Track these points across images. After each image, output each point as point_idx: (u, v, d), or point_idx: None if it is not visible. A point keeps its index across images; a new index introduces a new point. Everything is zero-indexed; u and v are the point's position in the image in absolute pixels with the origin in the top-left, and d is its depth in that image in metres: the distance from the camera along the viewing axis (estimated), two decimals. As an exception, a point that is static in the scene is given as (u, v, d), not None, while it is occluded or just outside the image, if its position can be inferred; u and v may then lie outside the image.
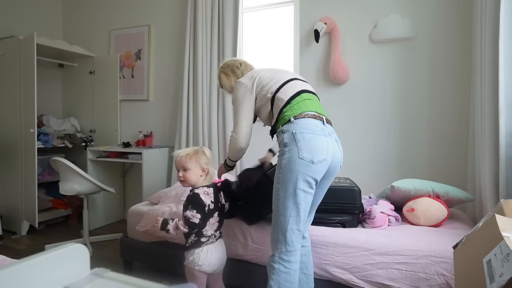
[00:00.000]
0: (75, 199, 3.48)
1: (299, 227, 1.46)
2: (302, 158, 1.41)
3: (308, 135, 1.44)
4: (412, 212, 1.93)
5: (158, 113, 3.55)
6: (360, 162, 2.73)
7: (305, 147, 1.42)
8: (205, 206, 1.61)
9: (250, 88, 1.65)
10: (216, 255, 1.66)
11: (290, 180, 1.43)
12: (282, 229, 1.45)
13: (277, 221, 1.48)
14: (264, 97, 1.62)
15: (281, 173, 1.46)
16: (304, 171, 1.41)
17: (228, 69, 1.85)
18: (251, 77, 1.68)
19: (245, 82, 1.67)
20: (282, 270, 1.44)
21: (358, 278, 1.66)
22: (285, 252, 1.45)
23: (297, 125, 1.47)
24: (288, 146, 1.45)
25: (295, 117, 1.49)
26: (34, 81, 2.98)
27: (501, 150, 1.71)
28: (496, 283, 0.74)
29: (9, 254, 1.42)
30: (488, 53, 1.85)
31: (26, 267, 0.58)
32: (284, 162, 1.45)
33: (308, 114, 1.50)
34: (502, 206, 1.16)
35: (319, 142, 1.44)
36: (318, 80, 2.84)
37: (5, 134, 3.22)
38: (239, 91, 1.67)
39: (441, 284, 1.51)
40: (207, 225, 1.64)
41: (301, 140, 1.43)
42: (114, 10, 3.74)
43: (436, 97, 2.51)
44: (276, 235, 1.48)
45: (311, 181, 1.43)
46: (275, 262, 1.46)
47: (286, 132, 1.47)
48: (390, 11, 2.59)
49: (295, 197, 1.43)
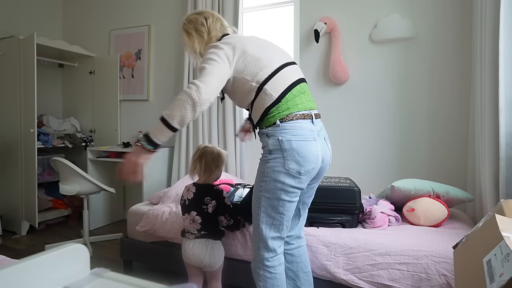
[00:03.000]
0: (75, 199, 3.48)
1: (281, 234, 1.41)
2: (288, 169, 1.30)
3: (296, 143, 1.30)
4: (412, 212, 1.93)
5: (158, 113, 3.50)
6: (360, 162, 2.73)
7: (292, 157, 1.29)
8: (181, 199, 1.78)
9: (230, 58, 1.33)
10: (191, 251, 1.68)
11: (272, 191, 1.33)
12: (263, 238, 1.39)
13: (257, 229, 1.41)
14: (247, 84, 1.35)
15: (263, 182, 1.35)
16: (289, 183, 1.31)
17: (190, 25, 1.52)
18: (232, 46, 1.35)
19: (224, 47, 1.34)
20: (268, 276, 1.41)
21: (359, 279, 1.66)
22: (268, 258, 1.41)
23: (283, 130, 1.31)
24: (273, 154, 1.32)
25: (282, 120, 1.32)
26: (34, 81, 2.98)
27: (501, 150, 1.71)
28: (496, 283, 0.74)
29: (9, 254, 1.42)
30: (488, 53, 1.85)
31: (26, 267, 0.58)
32: (267, 171, 1.33)
33: (297, 115, 1.33)
34: (502, 206, 1.16)
35: (307, 150, 1.31)
36: (318, 80, 2.84)
37: (5, 134, 3.22)
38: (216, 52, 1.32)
39: (442, 284, 1.51)
40: (184, 219, 1.75)
41: (288, 150, 1.30)
42: (114, 10, 3.74)
43: (436, 97, 2.51)
44: (257, 243, 1.42)
45: (296, 191, 1.35)
46: (259, 268, 1.42)
47: (271, 137, 1.32)
48: (390, 11, 2.59)
49: (278, 207, 1.35)
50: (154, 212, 2.18)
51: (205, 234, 1.69)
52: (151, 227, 2.16)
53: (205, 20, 1.51)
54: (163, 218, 2.13)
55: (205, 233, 1.69)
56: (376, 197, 2.22)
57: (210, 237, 1.70)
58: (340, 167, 2.72)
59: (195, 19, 1.53)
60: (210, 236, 1.70)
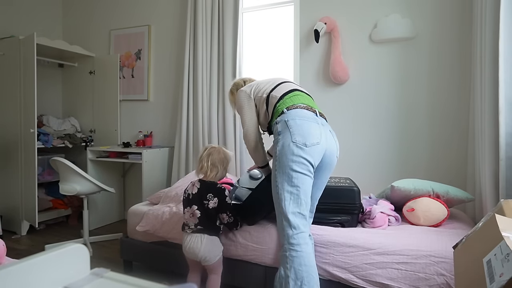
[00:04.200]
0: (75, 199, 3.48)
1: (301, 210, 1.47)
2: (295, 141, 1.47)
3: (300, 120, 1.51)
4: (412, 212, 1.93)
5: (158, 113, 3.55)
6: (360, 162, 2.73)
7: (297, 131, 1.48)
8: (184, 193, 1.84)
9: (248, 93, 1.80)
10: (188, 244, 1.74)
11: (285, 164, 1.48)
12: (285, 214, 1.48)
13: (278, 207, 1.51)
14: (261, 99, 1.75)
15: (277, 160, 1.52)
16: (298, 153, 1.46)
17: (234, 87, 2.04)
18: (250, 85, 1.85)
19: (244, 89, 1.83)
20: (294, 255, 1.44)
21: (357, 278, 1.66)
22: (292, 236, 1.46)
23: (289, 114, 1.55)
24: (282, 134, 1.52)
25: (288, 108, 1.58)
26: (34, 81, 2.98)
27: (501, 150, 1.71)
28: (496, 283, 0.74)
29: (9, 254, 1.42)
30: (488, 53, 1.85)
31: (26, 267, 0.58)
32: (278, 149, 1.52)
33: (300, 105, 1.59)
34: (502, 206, 1.16)
35: (311, 127, 1.50)
36: (318, 80, 2.84)
37: (5, 134, 3.22)
38: (240, 98, 1.81)
39: (441, 284, 1.51)
40: (184, 212, 1.81)
41: (293, 126, 1.49)
42: (114, 10, 3.74)
43: (436, 97, 2.51)
44: (281, 222, 1.51)
45: (306, 162, 1.47)
46: (285, 250, 1.47)
47: (280, 122, 1.56)
48: (390, 11, 2.59)
49: (293, 180, 1.47)
50: (154, 212, 2.18)
51: (201, 229, 1.75)
52: (151, 227, 2.16)
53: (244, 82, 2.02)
54: (163, 218, 2.13)
55: (201, 228, 1.75)
56: (376, 197, 2.22)
57: (206, 232, 1.75)
58: (340, 167, 2.71)
59: (238, 83, 2.06)
60: (205, 231, 1.76)
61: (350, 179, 2.12)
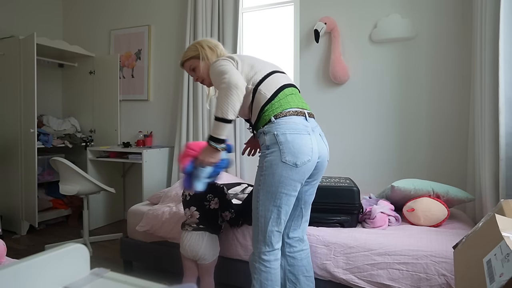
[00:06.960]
0: (75, 199, 3.48)
1: (279, 228, 1.46)
2: (285, 161, 1.37)
3: (291, 136, 1.38)
4: (412, 212, 1.93)
5: (158, 113, 3.55)
6: (360, 162, 2.73)
7: (287, 149, 1.37)
8: (182, 195, 1.83)
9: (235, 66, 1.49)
10: (188, 242, 1.74)
11: (271, 183, 1.40)
12: (262, 230, 1.46)
13: (257, 222, 1.48)
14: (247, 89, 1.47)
15: (262, 176, 1.42)
16: (287, 175, 1.38)
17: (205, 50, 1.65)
18: (232, 58, 1.53)
19: (227, 59, 1.51)
20: (263, 269, 1.47)
21: (358, 278, 1.66)
22: (264, 252, 1.47)
23: (278, 125, 1.40)
24: (270, 149, 1.40)
25: (276, 116, 1.42)
26: (34, 81, 2.98)
27: (501, 150, 1.71)
28: (496, 283, 0.74)
29: (9, 254, 1.41)
30: (488, 53, 1.85)
31: (26, 267, 0.58)
32: (266, 165, 1.41)
33: (290, 111, 1.43)
34: (502, 206, 1.16)
35: (302, 142, 1.39)
36: (318, 80, 2.84)
37: (5, 134, 3.22)
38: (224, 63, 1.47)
39: (442, 284, 1.51)
40: (184, 213, 1.83)
41: (283, 143, 1.37)
42: (114, 10, 3.74)
43: (436, 97, 2.51)
44: (256, 235, 1.49)
45: (294, 184, 1.41)
46: (255, 261, 1.49)
47: (268, 133, 1.42)
48: (390, 11, 2.59)
49: (276, 200, 1.41)
50: (154, 212, 2.18)
51: (203, 227, 1.76)
52: (151, 227, 2.16)
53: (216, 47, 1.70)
54: (163, 218, 2.13)
55: (203, 226, 1.76)
56: (376, 197, 2.22)
57: (208, 230, 1.77)
58: (340, 167, 2.72)
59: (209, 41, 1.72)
60: (207, 229, 1.77)
61: (350, 179, 2.12)
